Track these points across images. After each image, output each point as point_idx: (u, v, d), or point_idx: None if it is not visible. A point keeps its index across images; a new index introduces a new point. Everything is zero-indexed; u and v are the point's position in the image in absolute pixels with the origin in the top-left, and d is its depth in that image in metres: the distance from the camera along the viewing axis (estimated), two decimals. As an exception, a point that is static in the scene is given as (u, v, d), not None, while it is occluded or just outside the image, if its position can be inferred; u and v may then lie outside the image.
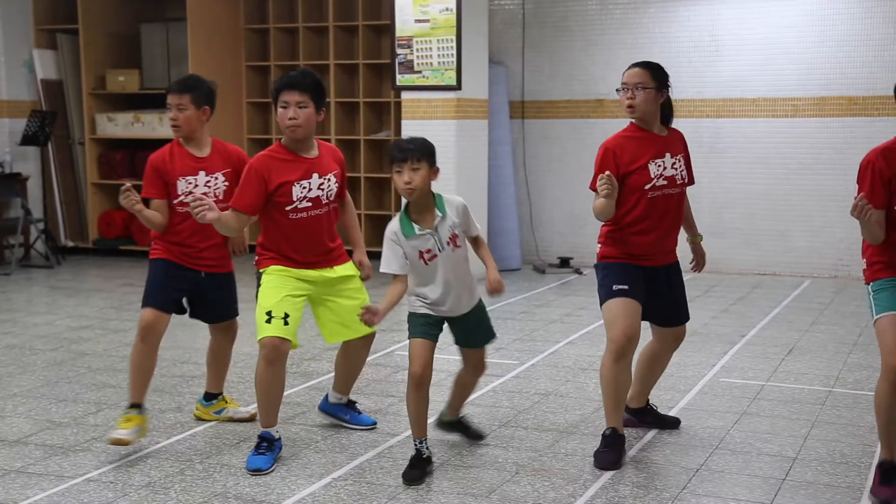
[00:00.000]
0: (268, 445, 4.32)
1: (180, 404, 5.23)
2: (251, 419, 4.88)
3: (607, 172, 4.29)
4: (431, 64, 8.62)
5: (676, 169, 4.49)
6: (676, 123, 4.80)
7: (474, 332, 4.36)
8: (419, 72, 8.67)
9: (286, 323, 4.27)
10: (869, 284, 4.03)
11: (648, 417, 4.81)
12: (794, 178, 9.22)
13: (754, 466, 4.30)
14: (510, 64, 10.01)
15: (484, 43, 9.06)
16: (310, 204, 4.36)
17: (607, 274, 4.46)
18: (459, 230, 4.17)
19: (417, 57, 8.65)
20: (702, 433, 4.75)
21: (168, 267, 4.61)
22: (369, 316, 4.01)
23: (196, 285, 4.71)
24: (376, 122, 10.41)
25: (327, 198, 4.43)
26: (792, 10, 9.12)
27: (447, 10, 8.47)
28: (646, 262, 4.46)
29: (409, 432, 4.33)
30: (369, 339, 4.68)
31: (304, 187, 4.35)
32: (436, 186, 4.22)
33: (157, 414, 5.02)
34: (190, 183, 4.57)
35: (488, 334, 4.42)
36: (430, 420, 4.43)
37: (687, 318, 4.69)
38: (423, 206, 4.12)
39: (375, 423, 4.87)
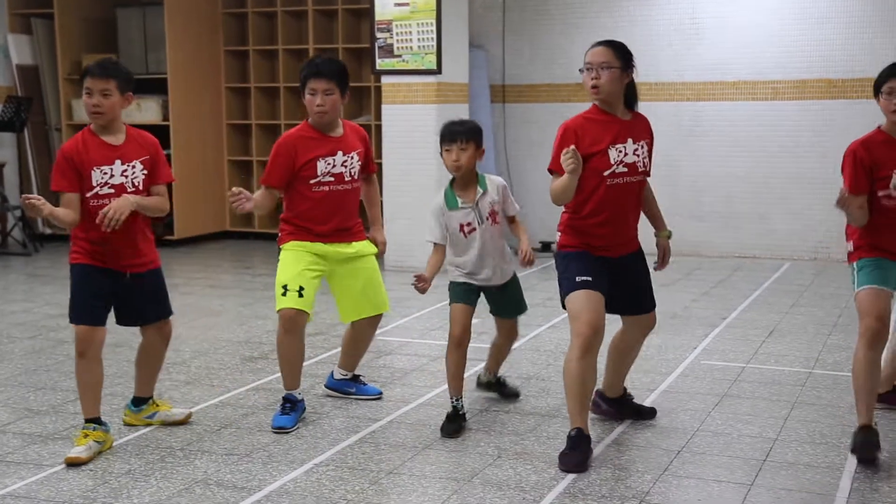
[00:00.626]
0: (291, 406, 4.63)
1: (160, 390, 5.20)
2: (186, 420, 4.68)
3: (572, 147, 4.07)
4: (411, 48, 8.58)
5: (638, 156, 4.28)
6: (658, 107, 4.81)
7: (507, 303, 4.73)
8: (399, 56, 8.63)
9: (301, 295, 4.53)
10: (854, 262, 4.29)
11: (625, 409, 4.69)
12: (774, 161, 9.25)
13: (735, 448, 4.32)
14: (490, 48, 9.99)
15: (464, 27, 9.04)
16: (332, 179, 4.64)
17: (568, 265, 4.28)
18: (499, 207, 4.52)
19: (397, 41, 8.61)
20: (683, 415, 4.77)
21: (91, 273, 4.31)
22: (421, 284, 4.41)
23: (122, 289, 4.38)
24: (356, 106, 10.37)
25: (350, 175, 4.70)
26: (772, -8, 9.13)
27: (427, -7, 8.43)
28: (606, 253, 4.29)
29: (390, 417, 4.32)
30: (376, 319, 4.95)
31: (329, 163, 4.63)
32: (420, 169, 4.29)
33: (137, 401, 4.99)
34: (105, 173, 4.26)
35: (520, 306, 4.78)
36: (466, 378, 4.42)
37: (653, 306, 4.52)
38: (467, 182, 4.51)
39: (381, 394, 5.06)
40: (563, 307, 4.30)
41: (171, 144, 10.11)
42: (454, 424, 4.49)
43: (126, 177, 4.32)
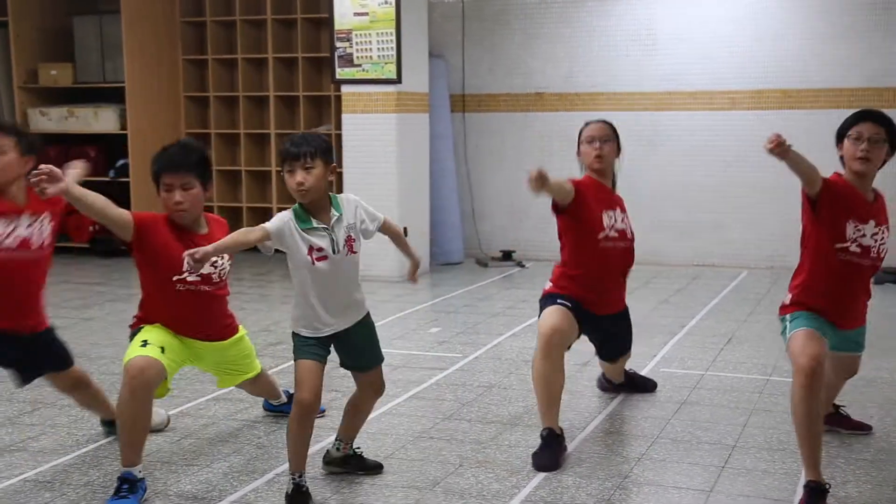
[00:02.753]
0: (129, 486, 3.80)
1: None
2: (165, 427, 4.66)
3: (539, 170, 4.07)
4: (371, 57, 8.60)
5: (625, 224, 4.66)
6: (616, 116, 5.01)
7: (364, 350, 3.96)
8: (359, 65, 8.64)
9: (162, 351, 3.88)
10: (785, 316, 4.08)
11: (626, 385, 5.22)
12: (731, 171, 9.36)
13: (695, 455, 4.36)
14: (450, 57, 10.02)
15: (424, 36, 9.07)
16: (198, 279, 4.00)
17: (552, 297, 4.53)
18: (357, 232, 3.85)
19: (357, 50, 8.62)
20: (643, 423, 4.81)
21: None
22: (190, 259, 3.48)
23: (22, 348, 4.15)
24: (316, 115, 10.35)
25: (219, 276, 4.11)
26: (729, 3, 9.25)
27: (386, 3, 8.45)
28: (594, 309, 4.58)
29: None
30: (258, 376, 4.57)
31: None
32: (381, 179, 4.18)
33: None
34: (8, 225, 3.98)
35: (376, 354, 4.01)
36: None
37: (626, 352, 4.99)
38: (319, 207, 3.77)
39: (325, 411, 4.87)
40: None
41: (130, 153, 10.03)
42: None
43: (31, 229, 4.05)
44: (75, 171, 4.32)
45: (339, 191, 9.19)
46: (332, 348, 3.89)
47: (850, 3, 8.93)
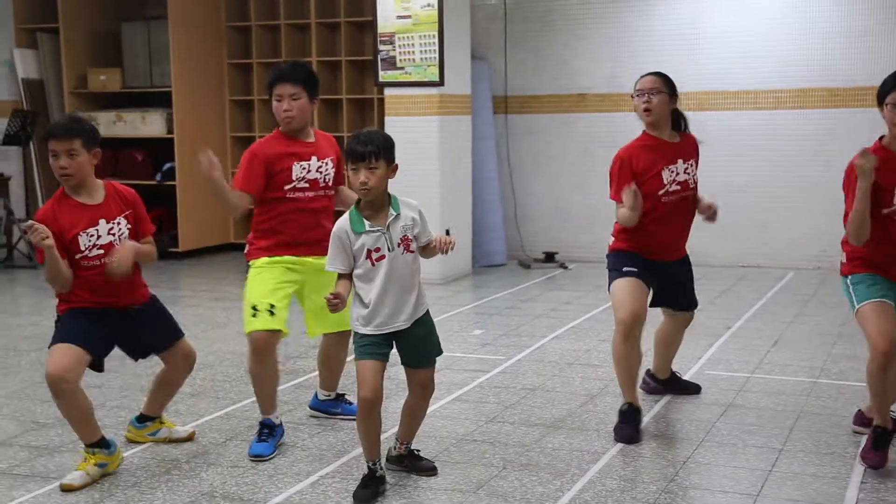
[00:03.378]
0: (269, 432, 4.40)
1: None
2: (190, 438, 4.61)
3: (633, 187, 4.44)
4: (414, 60, 8.60)
5: (689, 174, 4.78)
6: None
7: (419, 348, 3.98)
8: (402, 68, 8.65)
9: (272, 314, 4.29)
10: (847, 276, 4.22)
11: (673, 385, 5.23)
12: (775, 170, 9.24)
13: (741, 458, 4.30)
14: (493, 59, 10.00)
15: (466, 38, 9.06)
16: (307, 185, 4.47)
17: (618, 259, 4.70)
18: (413, 232, 3.89)
19: (400, 53, 8.63)
20: (688, 426, 4.76)
21: (83, 312, 4.17)
22: (335, 301, 3.74)
23: (125, 325, 4.28)
24: (359, 118, 10.39)
25: (325, 181, 4.54)
26: (772, 1, 9.14)
27: (429, 5, 8.46)
28: (656, 257, 4.72)
29: (396, 429, 4.30)
30: (343, 337, 4.67)
31: (304, 168, 4.47)
32: (423, 181, 4.21)
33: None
34: (92, 235, 4.08)
35: (434, 350, 4.05)
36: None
37: (695, 305, 5.05)
38: (378, 205, 3.85)
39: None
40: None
41: (176, 157, 10.13)
42: (369, 490, 3.87)
43: (113, 234, 4.13)
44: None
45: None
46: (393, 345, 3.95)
47: (898, 0, 8.80)
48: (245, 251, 4.58)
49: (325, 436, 4.66)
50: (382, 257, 3.81)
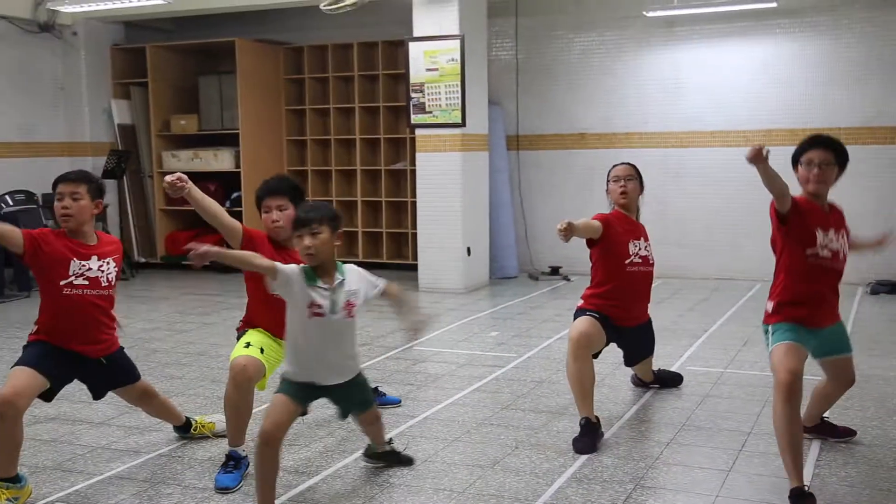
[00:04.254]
0: (234, 464, 3.85)
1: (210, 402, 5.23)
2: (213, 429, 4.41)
3: (567, 222, 4.05)
4: (440, 105, 8.65)
5: (648, 251, 4.62)
6: (648, 153, 4.97)
7: (351, 403, 3.64)
8: (430, 112, 8.70)
9: (262, 352, 3.86)
10: (768, 326, 3.77)
11: (657, 382, 5.14)
12: (745, 198, 9.18)
13: (716, 440, 4.29)
14: (506, 104, 10.04)
15: (484, 87, 9.10)
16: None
17: (584, 310, 4.51)
18: (357, 299, 3.45)
19: (428, 100, 8.68)
20: (671, 413, 4.75)
21: (50, 347, 3.73)
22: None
23: (89, 370, 3.89)
24: (395, 154, 10.45)
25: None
26: (742, 56, 9.13)
27: (453, 60, 8.51)
28: (617, 322, 4.52)
29: (425, 414, 4.32)
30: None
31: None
32: (448, 207, 4.12)
33: (215, 400, 5.02)
34: (83, 266, 3.74)
35: (366, 402, 3.70)
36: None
37: (649, 355, 4.89)
38: (326, 270, 3.41)
39: (400, 402, 4.95)
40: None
41: (242, 187, 10.22)
42: None
43: (102, 271, 3.79)
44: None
45: (414, 217, 9.26)
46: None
47: (846, 55, 8.76)
48: (237, 328, 4.19)
49: (367, 420, 4.68)
50: (321, 315, 3.35)
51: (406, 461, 4.00)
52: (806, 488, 3.40)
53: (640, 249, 4.56)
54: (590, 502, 3.56)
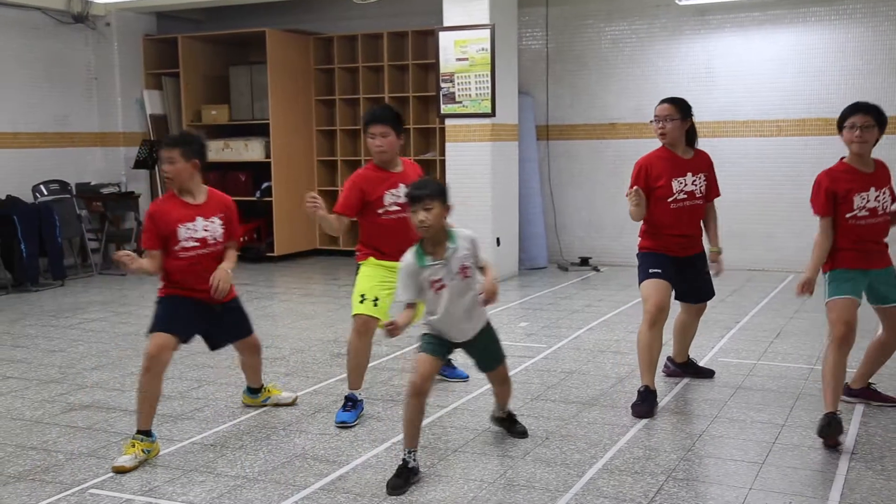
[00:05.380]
0: (352, 404, 4.50)
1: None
2: (293, 403, 4.77)
3: (636, 188, 4.57)
4: (470, 95, 8.63)
5: (696, 185, 4.78)
6: None
7: (482, 355, 4.01)
8: (460, 102, 8.68)
9: (375, 304, 4.42)
10: (826, 273, 4.28)
11: (689, 369, 5.19)
12: (778, 188, 9.10)
13: (748, 432, 4.25)
14: (536, 94, 9.99)
15: (514, 77, 9.06)
16: (398, 207, 4.47)
17: (644, 261, 4.74)
18: (469, 262, 3.78)
19: (458, 89, 8.66)
20: (703, 404, 4.72)
21: (179, 298, 4.20)
22: (391, 328, 3.64)
23: (211, 318, 4.28)
24: (424, 144, 10.44)
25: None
26: (776, 44, 9.01)
27: (483, 49, 8.48)
28: (673, 253, 4.74)
29: (455, 405, 4.32)
30: None
31: (394, 195, 4.51)
32: (478, 197, 4.17)
33: (218, 393, 5.07)
34: (189, 229, 4.15)
35: (497, 355, 4.03)
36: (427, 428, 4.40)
37: (710, 296, 5.01)
38: (437, 240, 3.74)
39: (468, 377, 5.14)
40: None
41: (273, 177, 10.27)
42: (401, 479, 3.66)
43: (207, 231, 4.20)
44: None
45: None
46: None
47: (884, 44, 8.61)
48: (355, 255, 4.67)
49: (397, 409, 4.69)
50: (443, 286, 3.73)
51: (520, 433, 4.23)
52: (837, 413, 4.01)
53: (685, 186, 4.73)
54: (621, 494, 3.55)
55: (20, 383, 5.32)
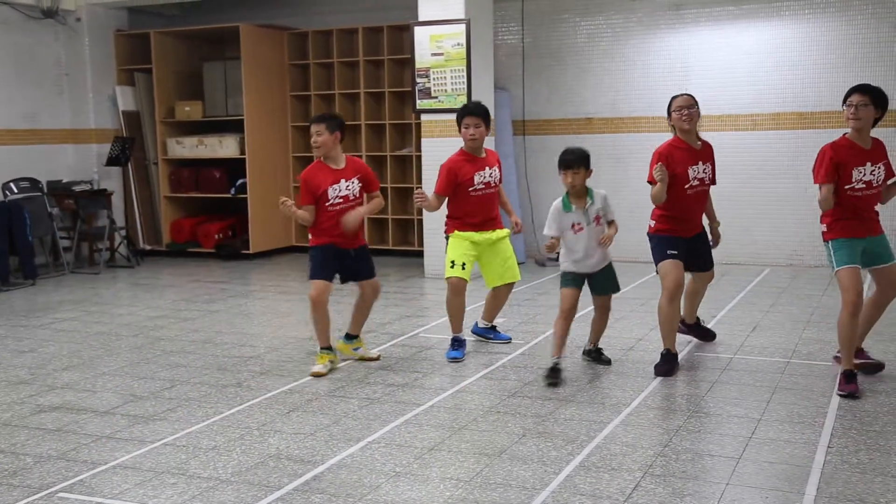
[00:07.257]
0: (458, 343, 5.59)
1: (239, 380, 5.22)
2: (377, 359, 5.54)
3: (660, 163, 5.02)
4: (446, 90, 8.58)
5: (706, 173, 5.32)
6: (656, 137, 5.12)
7: (602, 283, 5.20)
8: (435, 97, 8.63)
9: (463, 268, 5.53)
10: (828, 242, 4.73)
11: (697, 331, 5.81)
12: (754, 182, 9.13)
13: (725, 427, 4.25)
14: (512, 89, 9.96)
15: (490, 72, 9.02)
16: (484, 186, 5.61)
17: (660, 242, 5.23)
18: (602, 213, 5.04)
19: (434, 85, 8.62)
20: (680, 399, 4.71)
21: (327, 249, 5.25)
22: (550, 246, 5.08)
23: (348, 260, 5.34)
24: (400, 140, 10.39)
25: (494, 182, 5.68)
26: (750, 39, 9.03)
27: (458, 45, 8.43)
28: (684, 234, 5.26)
29: (431, 402, 4.28)
30: (511, 285, 5.85)
31: (482, 175, 5.62)
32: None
33: (220, 388, 5.02)
34: (336, 189, 5.21)
35: (614, 285, 5.23)
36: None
37: (712, 265, 5.57)
38: (580, 195, 5.04)
39: (510, 339, 5.97)
40: (657, 272, 5.27)
41: (247, 174, 10.18)
42: (556, 378, 4.94)
43: (349, 189, 5.28)
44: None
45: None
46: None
47: (857, 37, 8.65)
48: (444, 228, 5.70)
49: (372, 408, 4.66)
50: (581, 229, 5.04)
51: (605, 361, 5.35)
52: (855, 371, 4.64)
53: (698, 173, 5.25)
54: (598, 491, 3.52)
55: (-12, 385, 5.22)
